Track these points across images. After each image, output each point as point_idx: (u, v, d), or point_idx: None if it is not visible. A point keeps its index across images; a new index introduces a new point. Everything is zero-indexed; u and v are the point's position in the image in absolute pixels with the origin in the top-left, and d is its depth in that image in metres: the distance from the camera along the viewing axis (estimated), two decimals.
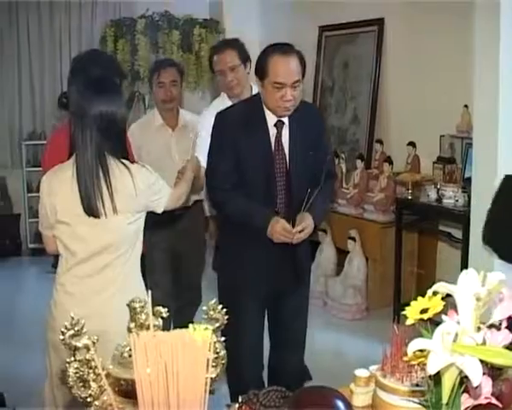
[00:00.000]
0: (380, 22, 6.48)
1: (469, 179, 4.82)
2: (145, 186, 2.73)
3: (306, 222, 3.17)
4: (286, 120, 3.23)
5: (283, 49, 3.14)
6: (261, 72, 3.13)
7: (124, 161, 2.72)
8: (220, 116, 3.31)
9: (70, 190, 2.66)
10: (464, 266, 4.73)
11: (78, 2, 8.26)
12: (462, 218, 4.90)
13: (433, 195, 5.26)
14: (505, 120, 4.29)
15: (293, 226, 3.17)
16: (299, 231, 3.16)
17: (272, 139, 3.21)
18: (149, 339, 1.14)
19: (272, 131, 3.22)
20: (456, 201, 5.08)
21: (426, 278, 5.74)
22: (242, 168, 3.20)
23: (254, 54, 4.90)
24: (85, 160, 2.64)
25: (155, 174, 2.84)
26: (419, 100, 5.60)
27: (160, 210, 2.90)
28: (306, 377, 3.94)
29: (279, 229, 3.12)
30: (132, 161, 2.82)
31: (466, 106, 5.35)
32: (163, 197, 2.88)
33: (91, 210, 2.64)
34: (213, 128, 3.30)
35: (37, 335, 2.95)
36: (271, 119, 3.21)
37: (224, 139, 3.23)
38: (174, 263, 4.53)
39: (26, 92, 8.24)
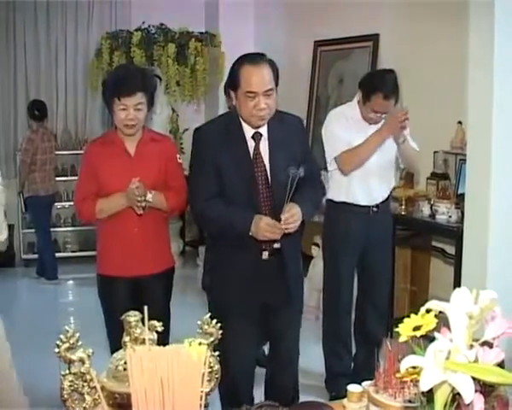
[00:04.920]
0: (375, 38, 6.52)
1: (463, 195, 4.84)
2: None
3: (294, 210, 3.06)
4: (264, 131, 3.19)
5: (254, 58, 3.13)
6: (233, 83, 3.12)
7: None
8: (198, 132, 3.29)
9: None
10: (457, 282, 4.74)
11: (75, 14, 8.29)
12: (455, 234, 4.92)
13: (426, 210, 5.27)
14: (499, 136, 4.31)
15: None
16: (287, 224, 3.05)
17: (251, 151, 3.18)
18: (145, 353, 1.15)
19: (250, 144, 3.18)
20: (450, 217, 5.10)
21: (419, 293, 5.75)
22: (223, 183, 3.15)
23: None
24: None
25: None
26: (413, 115, 5.59)
27: None
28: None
29: (263, 225, 3.03)
30: None
31: (460, 122, 5.38)
32: None
33: None
34: (192, 145, 3.27)
35: (29, 343, 2.96)
36: (248, 131, 3.18)
37: (203, 154, 3.19)
38: None
39: (21, 103, 8.25)
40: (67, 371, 1.41)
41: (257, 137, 3.18)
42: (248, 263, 3.21)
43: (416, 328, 1.31)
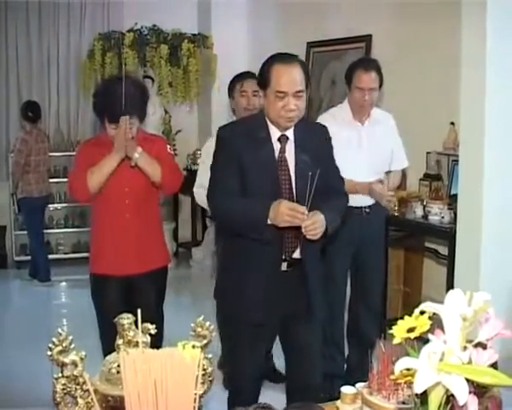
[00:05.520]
0: (367, 39, 6.52)
1: (455, 196, 4.85)
2: None
3: (316, 217, 2.87)
4: (291, 134, 3.09)
5: (285, 57, 3.06)
6: (264, 81, 3.03)
7: None
8: (223, 131, 3.19)
9: None
10: (450, 282, 4.75)
11: (67, 15, 8.27)
12: (448, 235, 4.93)
13: (419, 211, 5.28)
14: (491, 137, 4.33)
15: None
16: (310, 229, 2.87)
17: (276, 154, 3.06)
18: (139, 356, 1.14)
19: (276, 146, 3.07)
20: (442, 218, 5.10)
21: (412, 294, 5.76)
22: (246, 183, 3.02)
23: (243, 68, 4.97)
24: None
25: None
26: (406, 116, 5.62)
27: None
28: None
29: (283, 208, 2.81)
30: None
31: (452, 123, 5.39)
32: None
33: None
34: (216, 143, 3.16)
35: (21, 345, 2.95)
36: (275, 133, 3.07)
37: (227, 153, 3.07)
38: None
39: (13, 104, 8.23)
40: (60, 375, 1.40)
41: (283, 139, 3.08)
42: (266, 275, 3.05)
43: (410, 330, 1.31)
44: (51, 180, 7.71)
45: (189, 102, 8.05)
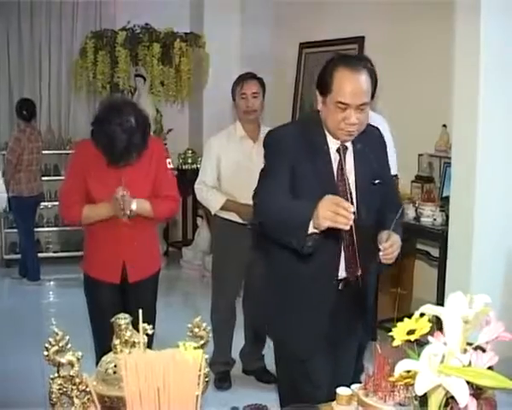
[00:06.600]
0: (360, 40, 6.53)
1: (447, 198, 4.86)
2: None
3: (394, 238, 2.59)
4: (349, 144, 2.72)
5: (352, 62, 2.63)
6: (324, 86, 2.63)
7: None
8: (275, 136, 2.79)
9: None
10: (441, 284, 4.76)
11: (59, 13, 8.23)
12: (439, 237, 4.94)
13: (411, 213, 5.29)
14: (484, 139, 4.34)
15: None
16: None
17: (334, 166, 2.69)
18: (140, 358, 1.14)
19: (334, 157, 2.69)
20: (434, 219, 5.12)
21: (403, 296, 5.75)
22: (298, 197, 2.61)
23: (235, 68, 4.97)
24: None
25: None
26: (398, 118, 5.63)
27: None
28: None
29: (325, 201, 2.29)
30: None
31: (444, 125, 5.40)
32: None
33: None
34: (267, 148, 2.77)
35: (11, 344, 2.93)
36: (334, 143, 2.69)
37: (280, 160, 2.67)
38: None
39: (4, 102, 8.19)
40: (56, 375, 1.39)
41: (342, 149, 2.69)
42: (321, 297, 2.70)
43: (410, 332, 1.30)
44: (42, 179, 7.66)
45: (181, 101, 8.02)
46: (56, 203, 8.10)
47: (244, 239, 4.43)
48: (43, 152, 7.67)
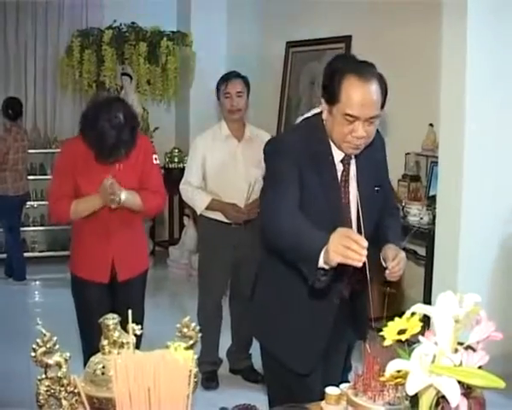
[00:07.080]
0: (347, 39, 6.53)
1: (434, 197, 4.87)
2: None
3: (400, 255, 2.49)
4: None
5: (362, 70, 2.43)
6: (330, 94, 2.44)
7: None
8: (278, 145, 2.65)
9: None
10: (428, 283, 4.77)
11: (45, 11, 8.18)
12: (426, 236, 4.94)
13: None
14: (470, 138, 4.35)
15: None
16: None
17: (339, 176, 2.57)
18: (130, 358, 1.12)
19: (339, 167, 2.56)
20: (421, 218, 5.13)
21: (391, 294, 5.76)
22: (306, 208, 2.45)
23: (221, 67, 4.96)
24: None
25: None
26: (385, 117, 5.64)
27: None
28: None
29: (337, 235, 2.11)
30: None
31: (431, 124, 5.41)
32: None
33: None
34: (270, 156, 2.60)
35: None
36: (338, 154, 2.55)
37: (285, 169, 2.50)
38: None
39: None
40: (44, 376, 1.38)
41: (346, 160, 2.56)
42: (322, 312, 2.62)
43: (401, 331, 1.30)
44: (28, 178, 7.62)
45: (167, 100, 8.00)
46: (42, 203, 8.07)
47: (230, 238, 4.45)
48: (29, 151, 7.63)
